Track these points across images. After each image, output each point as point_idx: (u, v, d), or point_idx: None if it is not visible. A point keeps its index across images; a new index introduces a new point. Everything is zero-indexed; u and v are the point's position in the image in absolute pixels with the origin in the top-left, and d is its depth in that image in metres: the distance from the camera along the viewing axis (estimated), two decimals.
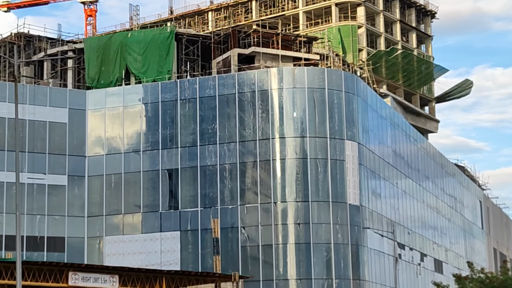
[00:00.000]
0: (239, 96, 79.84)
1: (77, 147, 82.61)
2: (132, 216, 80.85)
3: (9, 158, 78.71)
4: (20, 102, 37.77)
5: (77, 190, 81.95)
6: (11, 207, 76.43)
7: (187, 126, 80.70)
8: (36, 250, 77.70)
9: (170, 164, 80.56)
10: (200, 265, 76.01)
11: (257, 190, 77.87)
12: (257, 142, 78.53)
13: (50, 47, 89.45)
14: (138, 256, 77.35)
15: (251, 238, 76.98)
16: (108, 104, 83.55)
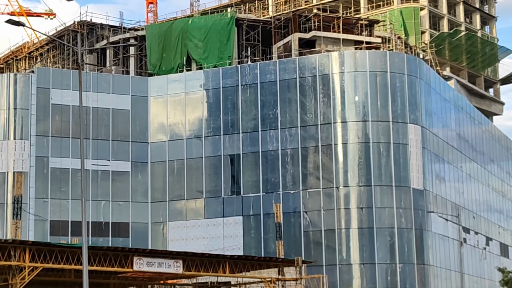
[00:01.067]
0: (300, 80, 79.54)
1: (140, 134, 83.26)
2: (195, 202, 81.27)
3: (74, 145, 79.73)
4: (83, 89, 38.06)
5: (140, 176, 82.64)
6: (77, 194, 77.52)
7: (249, 111, 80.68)
8: (101, 236, 78.65)
9: (232, 149, 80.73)
10: (262, 250, 76.10)
11: (319, 175, 77.57)
12: (319, 127, 78.18)
13: (113, 34, 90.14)
14: (201, 241, 77.75)
15: (314, 223, 76.77)
16: (170, 90, 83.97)
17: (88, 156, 78.25)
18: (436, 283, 78.80)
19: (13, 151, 79.64)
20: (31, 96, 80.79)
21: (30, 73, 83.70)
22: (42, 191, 79.19)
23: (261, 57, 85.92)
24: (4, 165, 79.73)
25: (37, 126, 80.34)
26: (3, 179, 79.66)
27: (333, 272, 73.62)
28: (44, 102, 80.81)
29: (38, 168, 79.46)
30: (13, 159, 79.55)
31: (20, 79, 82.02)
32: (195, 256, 52.41)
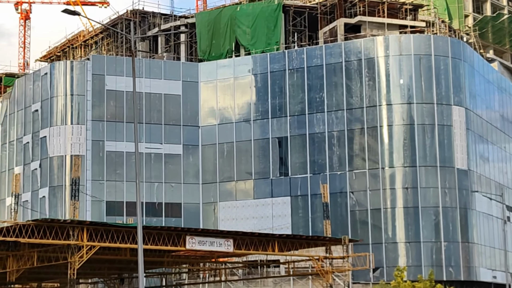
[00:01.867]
0: (346, 64, 79.35)
1: (191, 118, 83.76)
2: (244, 183, 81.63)
3: (128, 129, 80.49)
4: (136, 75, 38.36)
5: (191, 158, 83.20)
6: (131, 176, 78.33)
7: (296, 95, 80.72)
8: (155, 216, 79.40)
9: (279, 132, 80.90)
10: (310, 229, 76.21)
11: (365, 156, 77.43)
12: (364, 110, 77.98)
13: (164, 22, 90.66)
14: (250, 221, 78.11)
15: (360, 202, 76.71)
16: (219, 75, 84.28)
17: (142, 140, 78.95)
18: (480, 260, 78.33)
19: (71, 135, 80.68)
20: (86, 82, 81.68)
21: (86, 60, 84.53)
22: (98, 173, 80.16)
23: (308, 42, 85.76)
24: (62, 149, 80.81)
25: (93, 111, 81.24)
26: (62, 162, 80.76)
27: (379, 250, 73.52)
28: (99, 88, 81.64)
29: (94, 152, 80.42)
30: (70, 143, 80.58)
31: (76, 66, 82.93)
32: (245, 235, 52.66)
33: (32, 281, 71.27)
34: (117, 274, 67.05)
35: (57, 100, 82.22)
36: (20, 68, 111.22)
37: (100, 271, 63.69)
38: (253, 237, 52.95)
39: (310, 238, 58.74)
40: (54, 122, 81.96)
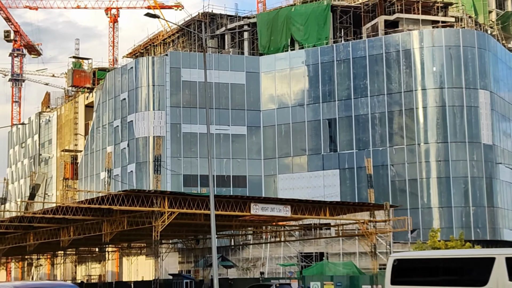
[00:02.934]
0: (386, 55, 78.50)
1: (253, 103, 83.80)
2: (299, 158, 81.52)
3: (201, 113, 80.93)
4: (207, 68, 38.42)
5: (254, 138, 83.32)
6: (204, 153, 78.85)
7: (343, 82, 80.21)
8: (224, 186, 79.76)
9: (329, 114, 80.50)
10: (356, 197, 75.87)
11: (403, 134, 76.67)
12: (402, 94, 77.12)
13: (230, 22, 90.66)
14: (305, 190, 77.97)
15: (399, 173, 76.04)
16: (277, 67, 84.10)
17: (212, 122, 79.31)
18: (503, 222, 77.25)
19: (153, 119, 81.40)
20: (165, 75, 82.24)
21: (164, 56, 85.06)
22: (176, 151, 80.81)
23: (353, 37, 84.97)
24: (146, 131, 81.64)
25: (171, 99, 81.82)
26: (146, 142, 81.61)
27: (416, 215, 72.87)
28: (176, 79, 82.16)
29: (172, 133, 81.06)
30: (152, 126, 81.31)
31: (156, 61, 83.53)
32: (300, 202, 52.62)
33: (123, 242, 72.41)
34: (193, 236, 67.67)
35: (141, 90, 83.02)
36: (110, 64, 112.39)
37: (179, 233, 64.32)
38: (307, 203, 52.89)
39: (356, 204, 58.50)
40: (139, 108, 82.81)
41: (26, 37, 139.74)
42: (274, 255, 75.18)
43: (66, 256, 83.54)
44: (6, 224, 55.35)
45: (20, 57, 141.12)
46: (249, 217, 52.69)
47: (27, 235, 57.65)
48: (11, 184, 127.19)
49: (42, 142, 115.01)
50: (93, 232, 50.82)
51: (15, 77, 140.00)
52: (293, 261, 73.11)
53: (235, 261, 74.15)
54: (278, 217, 53.09)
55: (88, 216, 48.89)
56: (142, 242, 72.42)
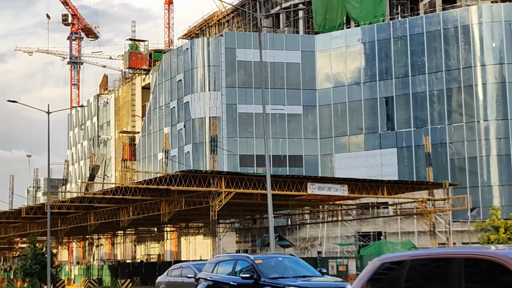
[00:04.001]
0: (444, 32, 77.16)
1: (309, 82, 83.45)
2: (356, 137, 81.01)
3: (256, 93, 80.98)
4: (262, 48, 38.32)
5: (310, 117, 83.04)
6: (260, 133, 78.88)
7: (400, 60, 79.21)
8: (280, 166, 79.83)
9: (386, 92, 79.66)
10: (414, 175, 75.11)
11: (462, 111, 75.44)
12: (461, 70, 75.80)
13: (284, 1, 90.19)
14: (362, 169, 77.51)
15: (458, 152, 74.95)
16: (333, 45, 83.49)
17: (268, 102, 79.30)
18: None
19: (208, 100, 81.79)
20: (221, 55, 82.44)
21: (220, 36, 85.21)
22: (232, 132, 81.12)
23: (410, 13, 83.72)
24: (202, 112, 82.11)
25: (226, 79, 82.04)
26: (202, 123, 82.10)
27: (475, 193, 71.74)
28: (231, 60, 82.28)
29: (228, 113, 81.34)
30: (208, 107, 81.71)
31: (212, 42, 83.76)
32: (358, 181, 52.26)
33: (180, 222, 73.19)
34: (250, 215, 67.98)
35: (196, 71, 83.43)
36: (166, 45, 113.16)
37: (236, 213, 64.66)
38: (364, 182, 52.50)
39: (414, 183, 57.85)
40: (195, 89, 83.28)
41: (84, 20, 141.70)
42: (331, 235, 75.03)
43: (125, 235, 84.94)
44: (67, 205, 56.49)
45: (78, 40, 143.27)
46: (306, 197, 52.57)
47: (88, 215, 58.77)
48: (72, 165, 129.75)
49: (101, 124, 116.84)
50: (151, 212, 51.45)
51: (73, 60, 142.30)
52: (350, 240, 72.86)
53: (292, 240, 74.26)
54: (335, 196, 52.87)
55: (146, 196, 49.48)
56: (200, 221, 73.06)
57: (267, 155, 37.41)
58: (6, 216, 65.72)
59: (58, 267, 71.33)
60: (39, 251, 58.97)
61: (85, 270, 75.10)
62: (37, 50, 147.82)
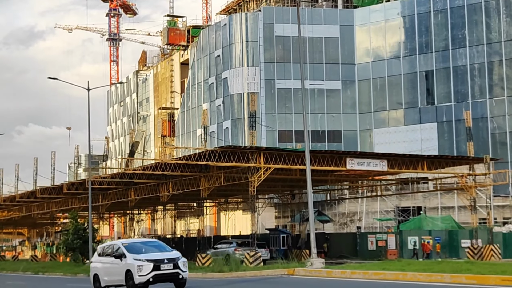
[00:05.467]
0: (485, 4, 75.87)
1: (348, 57, 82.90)
2: (396, 112, 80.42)
3: (295, 69, 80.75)
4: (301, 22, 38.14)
5: (349, 92, 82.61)
6: (299, 108, 78.76)
7: (440, 33, 78.17)
8: (319, 142, 79.74)
9: (426, 66, 78.79)
10: (455, 150, 74.42)
11: (503, 85, 74.30)
12: (502, 43, 74.56)
13: None
14: (401, 144, 77.05)
15: (499, 126, 73.97)
16: (372, 19, 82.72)
17: (306, 78, 79.04)
18: None
19: (247, 76, 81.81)
20: (259, 30, 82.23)
21: (258, 12, 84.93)
22: (270, 107, 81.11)
23: None
24: (241, 88, 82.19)
25: (265, 54, 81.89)
26: (240, 98, 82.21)
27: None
28: (269, 35, 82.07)
29: (267, 89, 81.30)
30: (247, 83, 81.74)
31: (250, 17, 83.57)
32: (397, 156, 51.92)
33: (220, 197, 73.61)
34: (289, 191, 68.06)
35: (235, 46, 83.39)
36: (204, 21, 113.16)
37: (275, 188, 64.78)
38: (404, 158, 52.15)
39: (455, 158, 57.27)
40: (233, 65, 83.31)
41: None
42: (371, 210, 74.87)
43: (165, 211, 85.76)
44: (108, 181, 57.17)
45: (117, 17, 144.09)
46: (345, 172, 52.42)
47: (128, 191, 59.42)
48: (112, 142, 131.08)
49: (140, 101, 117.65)
50: (191, 188, 51.81)
51: (112, 37, 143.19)
52: (390, 215, 72.62)
53: (331, 215, 74.30)
54: (375, 171, 52.61)
55: (186, 172, 49.83)
56: (239, 197, 73.40)
57: (306, 130, 37.39)
58: (48, 191, 66.75)
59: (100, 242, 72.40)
60: (80, 226, 59.94)
61: None
62: (76, 27, 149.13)
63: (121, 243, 27.02)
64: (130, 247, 26.08)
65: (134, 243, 27.06)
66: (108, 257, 26.76)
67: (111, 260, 26.34)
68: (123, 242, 27.12)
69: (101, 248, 28.34)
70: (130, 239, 37.25)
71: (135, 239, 34.27)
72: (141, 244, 27.11)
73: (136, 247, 26.34)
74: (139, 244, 27.05)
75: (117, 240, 36.26)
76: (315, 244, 35.59)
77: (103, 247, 28.42)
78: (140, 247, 26.37)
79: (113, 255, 26.35)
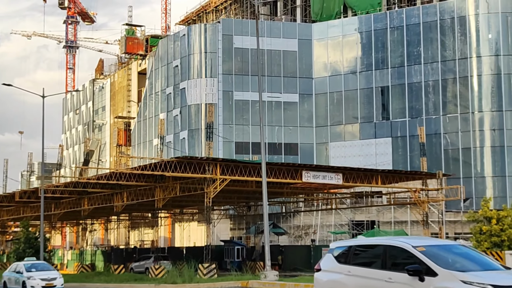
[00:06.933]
0: (440, 22, 77.10)
1: (306, 71, 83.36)
2: (351, 126, 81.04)
3: (253, 81, 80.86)
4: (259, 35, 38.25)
5: (306, 105, 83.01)
6: (256, 120, 78.87)
7: (396, 49, 79.14)
8: (276, 154, 79.85)
9: (382, 82, 79.65)
10: (409, 165, 75.22)
11: (457, 102, 75.48)
12: (457, 61, 75.78)
13: None
14: (357, 158, 77.63)
15: (452, 142, 75.07)
16: (330, 34, 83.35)
17: (264, 90, 79.13)
18: None
19: (205, 86, 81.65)
20: (218, 42, 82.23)
21: (217, 23, 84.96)
22: (228, 118, 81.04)
23: (407, 4, 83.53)
24: (198, 98, 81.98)
25: (223, 66, 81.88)
26: (198, 109, 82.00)
27: (468, 184, 71.92)
28: (228, 47, 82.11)
29: (224, 100, 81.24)
30: (205, 93, 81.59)
31: (209, 28, 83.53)
32: (352, 170, 52.31)
33: (175, 208, 73.19)
34: (244, 203, 68.04)
35: (193, 57, 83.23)
36: (163, 31, 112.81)
37: (231, 200, 64.70)
38: (359, 171, 52.57)
39: (408, 172, 57.93)
40: (191, 75, 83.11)
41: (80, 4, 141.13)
42: (325, 223, 75.21)
43: (119, 221, 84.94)
44: (61, 189, 56.42)
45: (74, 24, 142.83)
46: (301, 185, 52.59)
47: (82, 200, 58.69)
48: (66, 150, 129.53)
49: (96, 109, 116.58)
50: (146, 198, 51.39)
51: (69, 44, 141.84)
52: (344, 229, 73.04)
53: (286, 228, 74.41)
54: (330, 184, 52.90)
55: (141, 182, 49.43)
56: (194, 208, 73.10)
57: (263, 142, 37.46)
58: (0, 199, 65.63)
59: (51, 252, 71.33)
60: (32, 235, 58.97)
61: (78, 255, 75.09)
62: (33, 34, 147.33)
63: None
64: None
65: None
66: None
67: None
68: None
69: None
70: None
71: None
72: None
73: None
74: None
75: None
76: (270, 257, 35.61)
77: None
78: None
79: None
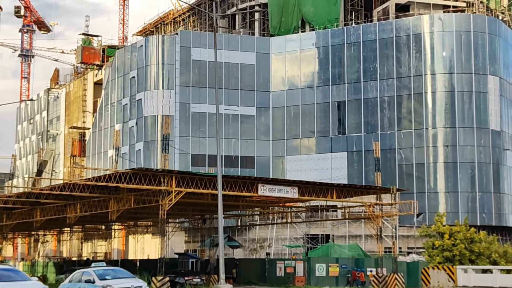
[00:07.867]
0: (396, 39, 78.01)
1: (263, 84, 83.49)
2: (308, 140, 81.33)
3: (210, 93, 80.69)
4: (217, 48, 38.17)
5: (263, 119, 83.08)
6: (212, 133, 78.57)
7: (353, 65, 79.78)
8: (232, 167, 79.66)
9: (338, 97, 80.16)
10: (363, 179, 75.71)
11: (412, 118, 76.33)
12: (411, 78, 76.72)
13: (241, 2, 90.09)
14: (312, 172, 77.86)
15: (406, 158, 75.81)
16: (287, 48, 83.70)
17: (221, 103, 79.07)
18: (509, 208, 77.03)
19: (162, 98, 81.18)
20: (175, 53, 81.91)
21: (175, 35, 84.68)
22: (185, 131, 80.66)
23: (364, 20, 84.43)
24: (155, 110, 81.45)
25: (181, 78, 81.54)
26: (154, 121, 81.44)
27: (422, 199, 72.67)
28: (186, 59, 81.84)
29: (181, 112, 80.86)
30: (161, 105, 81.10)
31: (166, 40, 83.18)
32: (308, 184, 52.30)
33: (129, 220, 72.41)
34: (200, 215, 67.65)
35: (150, 68, 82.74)
36: (120, 41, 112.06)
37: (186, 212, 64.22)
38: (315, 185, 52.57)
39: (363, 187, 58.18)
40: (148, 87, 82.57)
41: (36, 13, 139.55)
42: (281, 236, 75.18)
43: (72, 233, 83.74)
44: (13, 200, 55.32)
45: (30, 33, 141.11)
46: (256, 198, 52.42)
47: (34, 211, 57.63)
48: (19, 160, 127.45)
49: (50, 119, 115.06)
50: (99, 210, 50.68)
51: (25, 53, 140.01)
52: (299, 242, 73.09)
53: (241, 241, 74.16)
54: (285, 198, 52.78)
55: (95, 193, 48.70)
56: (149, 220, 72.40)
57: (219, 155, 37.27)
58: None
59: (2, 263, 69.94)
60: None
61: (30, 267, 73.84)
62: None
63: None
64: None
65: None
66: None
67: None
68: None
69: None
70: None
71: None
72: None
73: None
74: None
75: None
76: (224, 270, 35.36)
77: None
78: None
79: None
